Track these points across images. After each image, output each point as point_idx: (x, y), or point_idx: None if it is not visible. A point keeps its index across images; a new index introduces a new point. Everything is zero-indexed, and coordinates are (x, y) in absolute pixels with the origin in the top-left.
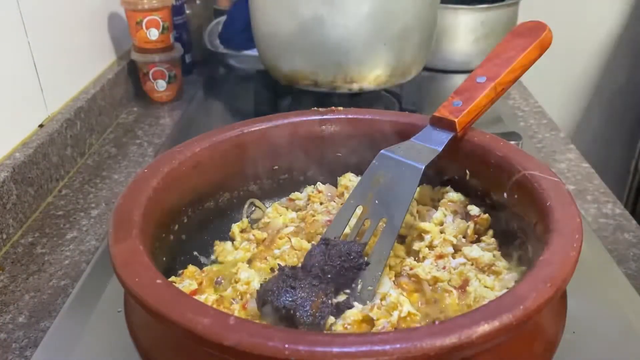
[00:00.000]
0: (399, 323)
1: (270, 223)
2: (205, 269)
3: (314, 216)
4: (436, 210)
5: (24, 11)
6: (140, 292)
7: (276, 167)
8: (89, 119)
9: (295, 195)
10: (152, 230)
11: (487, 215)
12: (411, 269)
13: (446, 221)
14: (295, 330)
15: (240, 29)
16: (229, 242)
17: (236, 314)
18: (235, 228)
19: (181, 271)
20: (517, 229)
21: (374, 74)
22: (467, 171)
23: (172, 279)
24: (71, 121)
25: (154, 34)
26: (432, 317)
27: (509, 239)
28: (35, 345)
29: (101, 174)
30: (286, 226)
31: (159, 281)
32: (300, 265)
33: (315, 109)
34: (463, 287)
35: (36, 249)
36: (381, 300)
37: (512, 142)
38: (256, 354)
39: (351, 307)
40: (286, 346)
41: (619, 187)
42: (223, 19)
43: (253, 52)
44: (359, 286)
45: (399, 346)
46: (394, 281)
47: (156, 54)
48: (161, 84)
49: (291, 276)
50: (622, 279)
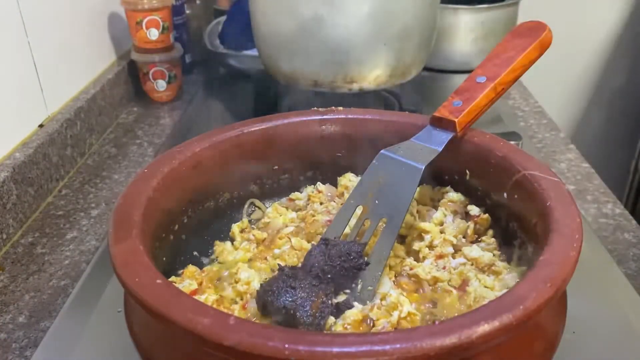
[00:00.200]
0: (399, 323)
1: (270, 223)
2: (205, 269)
3: (314, 216)
4: (436, 210)
5: (24, 11)
6: (140, 292)
7: (276, 167)
8: (89, 119)
9: (295, 195)
10: (152, 230)
11: (487, 215)
12: (411, 269)
13: (446, 221)
14: (295, 330)
15: (240, 29)
16: (229, 242)
17: (236, 314)
18: (235, 228)
19: (181, 271)
20: (517, 229)
21: (374, 74)
22: (467, 171)
23: (172, 279)
24: (71, 121)
25: (154, 34)
26: (432, 317)
27: (509, 239)
28: (35, 345)
29: (101, 174)
30: (286, 226)
31: (159, 281)
32: (300, 265)
33: (315, 109)
34: (463, 287)
35: (36, 249)
36: (381, 300)
37: (512, 142)
38: (256, 354)
39: (351, 307)
40: (286, 346)
41: (619, 187)
42: (223, 19)
43: (253, 52)
44: (359, 286)
45: (399, 346)
46: (394, 281)
47: (156, 54)
48: (161, 84)
49: (291, 276)
50: (622, 279)
